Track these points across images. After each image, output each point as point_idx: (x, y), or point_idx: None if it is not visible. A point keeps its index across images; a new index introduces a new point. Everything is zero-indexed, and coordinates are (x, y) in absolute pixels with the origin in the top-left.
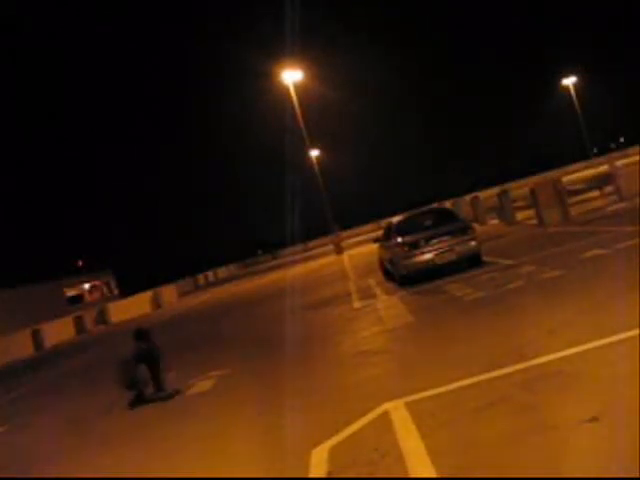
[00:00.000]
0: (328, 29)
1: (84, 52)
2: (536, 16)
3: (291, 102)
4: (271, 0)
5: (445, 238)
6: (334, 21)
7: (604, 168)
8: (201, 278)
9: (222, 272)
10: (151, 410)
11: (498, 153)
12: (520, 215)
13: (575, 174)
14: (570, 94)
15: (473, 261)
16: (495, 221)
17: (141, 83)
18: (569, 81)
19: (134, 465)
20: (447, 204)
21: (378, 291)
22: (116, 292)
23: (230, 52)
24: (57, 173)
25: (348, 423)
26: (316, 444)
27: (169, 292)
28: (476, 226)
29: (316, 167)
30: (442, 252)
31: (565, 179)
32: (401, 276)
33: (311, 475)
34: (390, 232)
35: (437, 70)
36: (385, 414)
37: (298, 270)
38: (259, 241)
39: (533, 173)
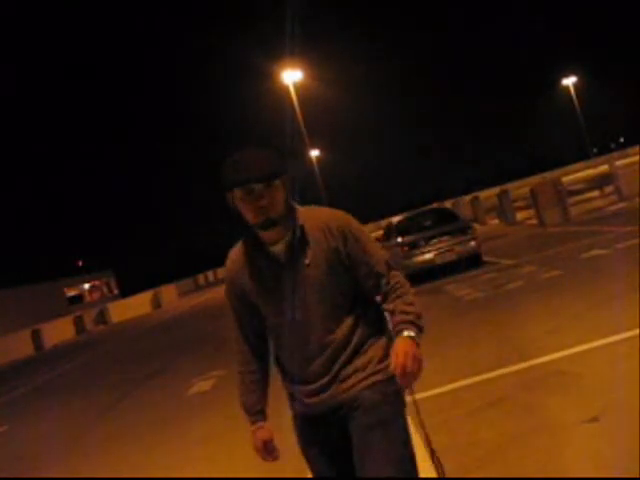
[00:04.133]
0: (328, 29)
1: (85, 52)
2: (536, 16)
3: (291, 102)
4: (271, 0)
5: (445, 238)
6: (334, 21)
7: (604, 168)
8: (201, 278)
9: (222, 272)
10: (152, 409)
11: (498, 153)
12: (520, 215)
13: (575, 174)
14: (570, 94)
15: (473, 261)
16: (495, 221)
17: (141, 83)
18: (569, 81)
19: (131, 466)
20: (447, 204)
21: None
22: (116, 292)
23: (230, 52)
24: (57, 173)
25: None
26: None
27: (169, 292)
28: (476, 226)
29: (316, 167)
30: (442, 252)
31: (565, 179)
32: None
33: (311, 475)
34: (390, 232)
35: (437, 70)
36: None
37: None
38: None
39: (533, 173)
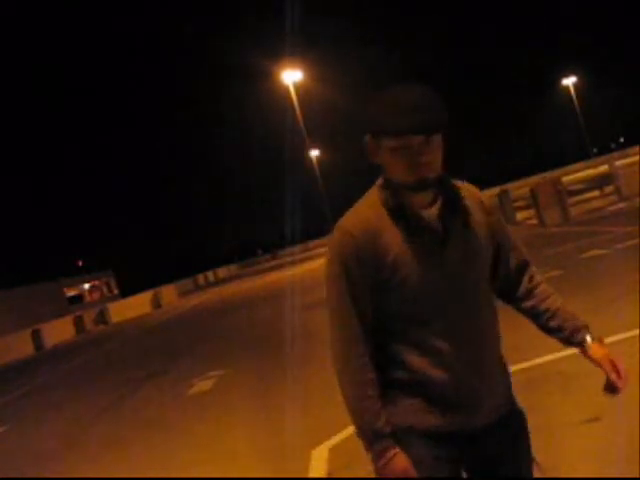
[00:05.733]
0: (329, 29)
1: (85, 53)
2: (536, 16)
3: (291, 102)
4: (272, 0)
5: None
6: (335, 21)
7: (604, 168)
8: (201, 278)
9: (222, 272)
10: (152, 410)
11: (498, 153)
12: (520, 215)
13: (575, 174)
14: (570, 94)
15: None
16: None
17: (142, 83)
18: (569, 81)
19: (131, 466)
20: None
21: None
22: (116, 292)
23: (230, 52)
24: (57, 173)
25: (348, 423)
26: (316, 444)
27: (169, 292)
28: None
29: (316, 167)
30: None
31: (565, 179)
32: None
33: (311, 475)
34: None
35: (437, 70)
36: None
37: (298, 270)
38: (259, 241)
39: (533, 173)
